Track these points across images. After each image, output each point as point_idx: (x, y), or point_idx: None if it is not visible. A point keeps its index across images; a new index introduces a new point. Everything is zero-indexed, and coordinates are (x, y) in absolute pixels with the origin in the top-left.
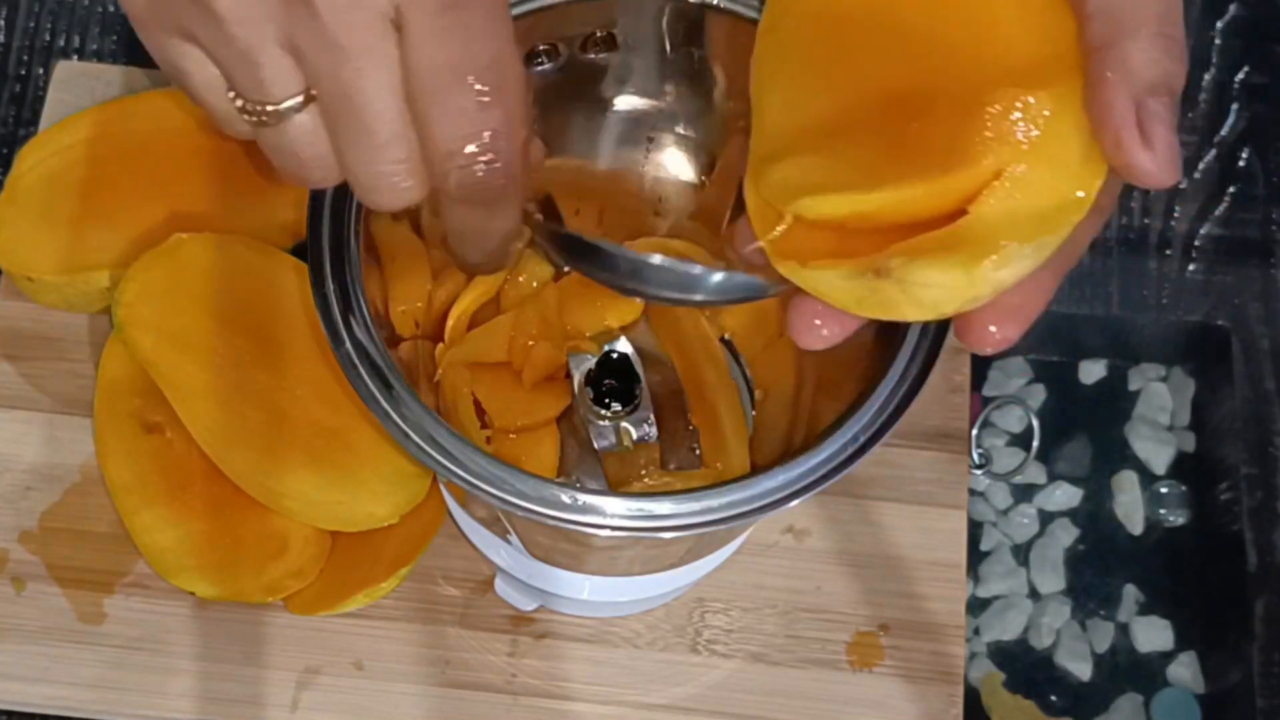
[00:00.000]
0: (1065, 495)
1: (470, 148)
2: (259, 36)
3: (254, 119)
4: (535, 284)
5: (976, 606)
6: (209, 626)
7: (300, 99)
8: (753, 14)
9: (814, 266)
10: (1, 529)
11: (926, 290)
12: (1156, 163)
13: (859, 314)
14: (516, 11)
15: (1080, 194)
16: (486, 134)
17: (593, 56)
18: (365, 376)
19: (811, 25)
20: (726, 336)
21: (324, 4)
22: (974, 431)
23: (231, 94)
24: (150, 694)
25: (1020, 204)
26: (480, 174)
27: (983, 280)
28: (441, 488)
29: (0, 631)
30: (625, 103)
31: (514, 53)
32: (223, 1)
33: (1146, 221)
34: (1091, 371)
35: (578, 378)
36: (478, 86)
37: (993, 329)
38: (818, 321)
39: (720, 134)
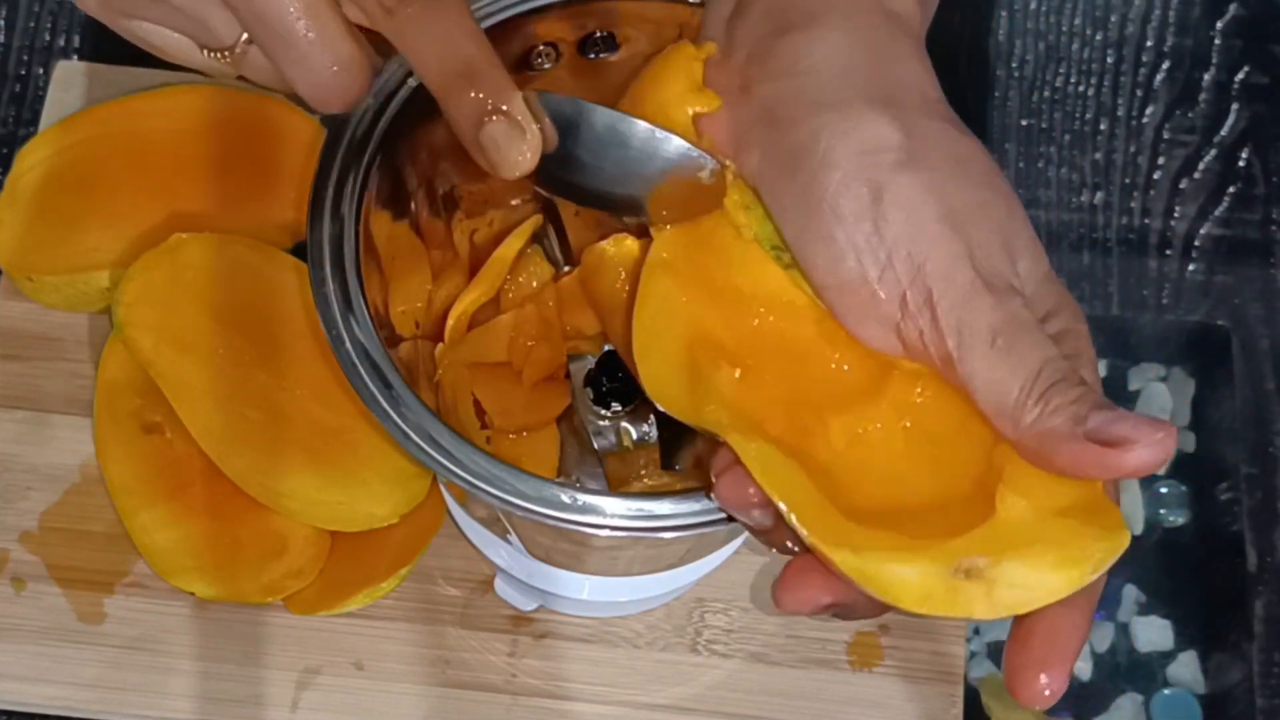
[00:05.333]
0: None
1: None
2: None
3: (224, 58)
4: (535, 284)
5: None
6: (209, 626)
7: (246, 39)
8: None
9: (876, 558)
10: (1, 529)
11: (1012, 591)
12: (1146, 445)
13: (915, 610)
14: (517, 11)
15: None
16: None
17: (593, 56)
18: (365, 376)
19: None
20: None
21: None
22: None
23: (201, 48)
24: (150, 694)
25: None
26: None
27: (1079, 584)
28: (441, 488)
29: (0, 631)
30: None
31: None
32: None
33: (1146, 221)
34: None
35: (578, 378)
36: None
37: (1044, 679)
38: (824, 599)
39: None
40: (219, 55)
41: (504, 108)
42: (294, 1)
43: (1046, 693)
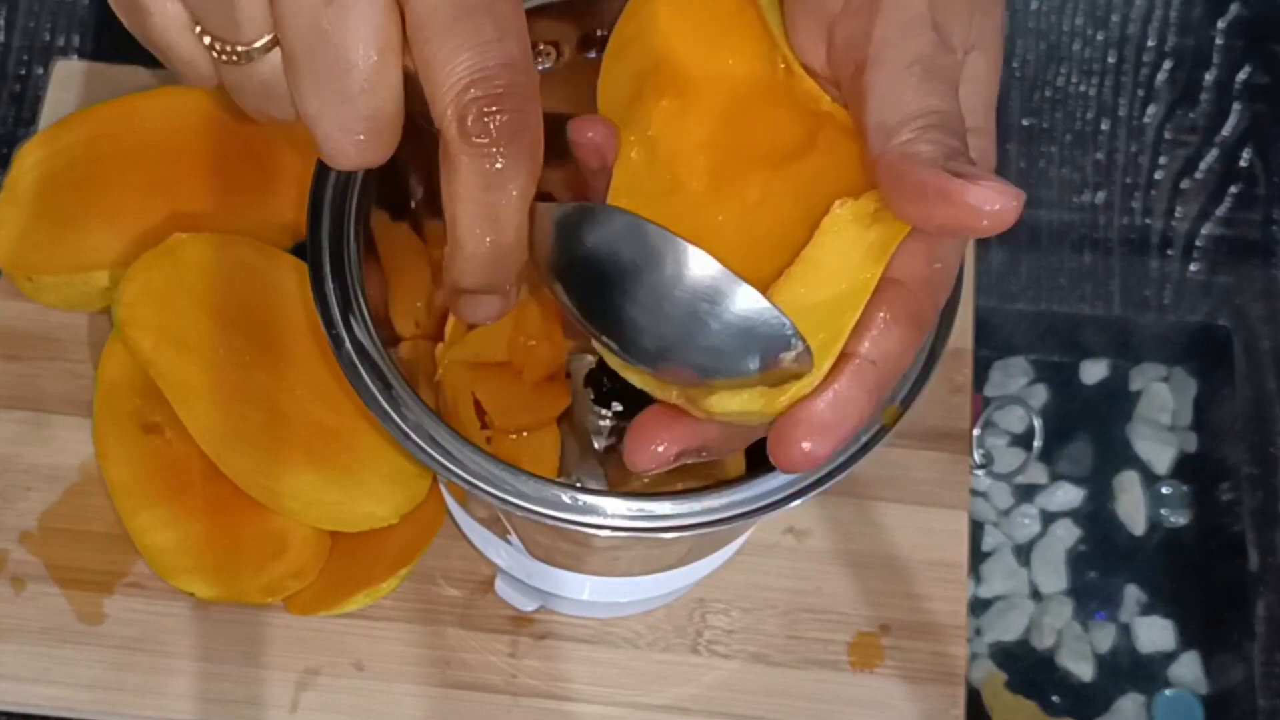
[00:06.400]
0: (1067, 495)
1: (483, 76)
2: None
3: (222, 57)
4: None
5: (978, 607)
6: (208, 627)
7: (271, 37)
8: None
9: (626, 370)
10: (1, 529)
11: (728, 415)
12: (993, 188)
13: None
14: None
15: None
16: (500, 65)
17: (593, 56)
18: (365, 376)
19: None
20: None
21: None
22: (975, 432)
23: (198, 30)
24: (150, 694)
25: (802, 298)
26: (496, 108)
27: (777, 410)
28: (441, 488)
29: (0, 631)
30: None
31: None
32: None
33: (1148, 221)
34: (1093, 371)
35: (578, 378)
36: (486, 21)
37: (806, 446)
38: (659, 448)
39: None
40: (224, 51)
41: (504, 289)
42: (369, 31)
43: (811, 454)
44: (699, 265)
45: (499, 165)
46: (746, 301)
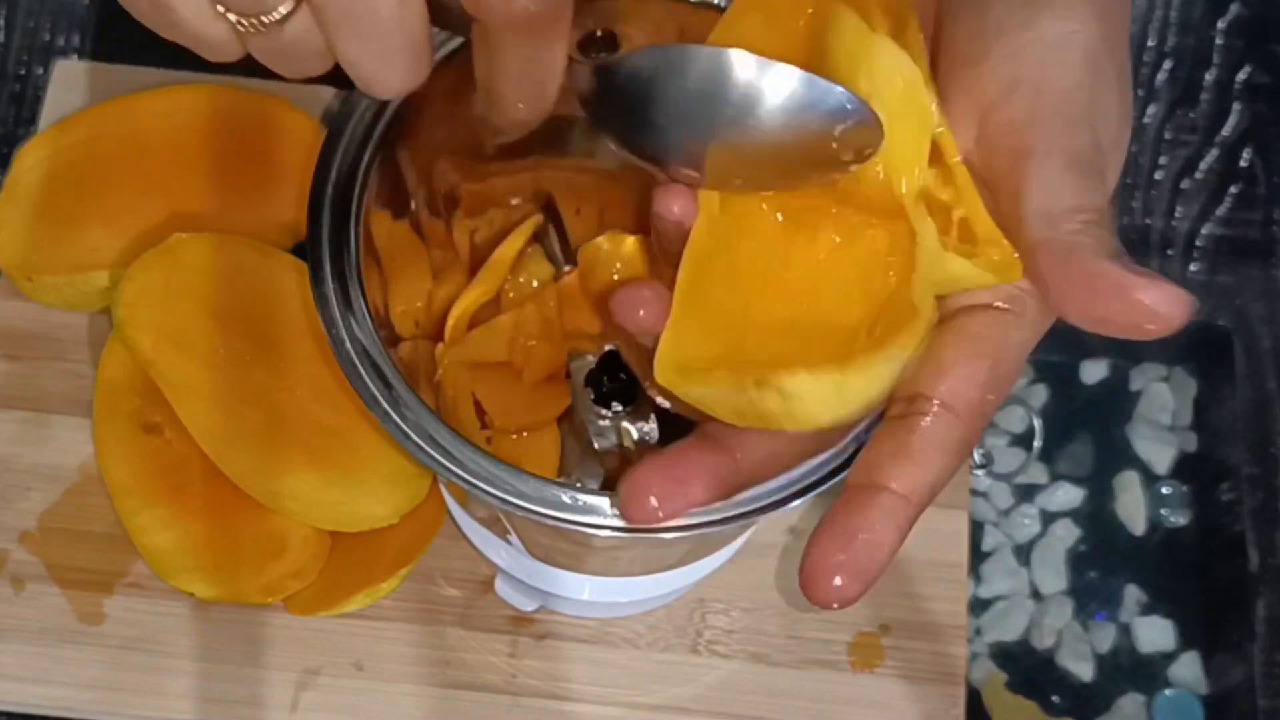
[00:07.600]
0: (1067, 495)
1: None
2: None
3: (250, 30)
4: (535, 284)
5: (978, 607)
6: (208, 627)
7: (294, 2)
8: None
9: (694, 382)
10: (1, 529)
11: (800, 403)
12: (1171, 290)
13: (741, 425)
14: None
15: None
16: None
17: (593, 55)
18: (365, 376)
19: None
20: None
21: None
22: None
23: (221, 9)
24: (150, 694)
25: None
26: None
27: (851, 395)
28: (441, 488)
29: (0, 631)
30: None
31: None
32: None
33: (1148, 221)
34: (1093, 371)
35: (578, 378)
36: None
37: (837, 581)
38: (653, 502)
39: None
40: (251, 23)
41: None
42: None
43: (842, 592)
44: (740, 61)
45: (541, 46)
46: (795, 81)
